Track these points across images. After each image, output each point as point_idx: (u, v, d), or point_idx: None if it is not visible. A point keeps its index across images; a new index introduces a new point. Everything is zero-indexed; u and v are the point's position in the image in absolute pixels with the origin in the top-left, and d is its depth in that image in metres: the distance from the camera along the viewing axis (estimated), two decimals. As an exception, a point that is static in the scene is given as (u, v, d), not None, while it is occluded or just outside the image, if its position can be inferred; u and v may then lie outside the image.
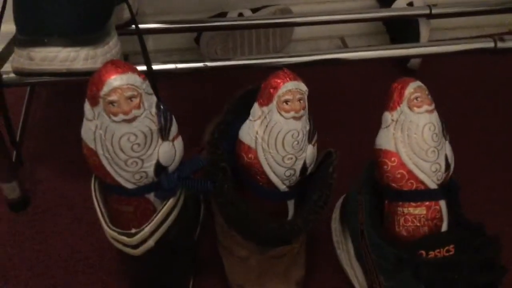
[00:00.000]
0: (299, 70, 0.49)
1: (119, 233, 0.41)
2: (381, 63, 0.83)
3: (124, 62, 0.39)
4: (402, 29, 0.85)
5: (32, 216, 0.62)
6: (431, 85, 0.50)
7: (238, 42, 0.84)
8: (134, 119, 0.39)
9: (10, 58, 0.60)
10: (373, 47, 0.65)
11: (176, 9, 0.84)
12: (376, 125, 0.51)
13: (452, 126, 0.50)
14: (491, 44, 0.63)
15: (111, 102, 0.38)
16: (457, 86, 0.84)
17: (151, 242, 0.43)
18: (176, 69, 0.57)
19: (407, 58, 0.83)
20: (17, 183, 0.61)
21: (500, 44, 0.63)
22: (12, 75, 0.52)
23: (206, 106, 0.77)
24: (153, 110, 0.40)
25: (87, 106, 0.40)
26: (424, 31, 0.83)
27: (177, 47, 0.87)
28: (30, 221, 0.62)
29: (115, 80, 0.38)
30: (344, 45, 0.91)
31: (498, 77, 0.85)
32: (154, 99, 0.41)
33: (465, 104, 0.81)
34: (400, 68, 0.85)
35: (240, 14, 0.82)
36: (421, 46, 0.69)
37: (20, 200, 0.63)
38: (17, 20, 0.49)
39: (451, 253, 0.46)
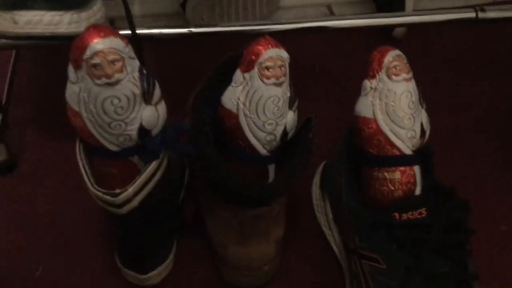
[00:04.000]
0: (284, 38, 0.49)
1: (103, 193, 0.43)
2: (365, 32, 0.84)
3: (106, 26, 0.40)
4: (388, -2, 0.86)
5: (19, 179, 0.63)
6: (415, 54, 0.50)
7: (225, 9, 0.84)
8: (117, 82, 0.39)
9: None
10: (359, 15, 0.66)
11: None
12: (356, 94, 0.52)
13: (431, 94, 0.51)
14: (473, 15, 0.64)
15: (94, 66, 0.38)
16: (441, 55, 0.85)
17: (135, 202, 0.44)
18: (160, 34, 0.58)
19: (391, 28, 0.83)
20: (4, 146, 0.62)
21: (481, 15, 0.64)
22: (-5, 38, 0.52)
23: (191, 72, 0.77)
24: (136, 74, 0.41)
25: (70, 69, 0.40)
26: (409, 0, 0.83)
27: (163, 12, 0.86)
28: (17, 184, 0.63)
29: (98, 43, 0.38)
30: (331, 13, 0.91)
31: (482, 46, 0.87)
32: (137, 63, 0.41)
33: (445, 71, 0.82)
34: (385, 38, 0.85)
35: (227, -20, 0.82)
36: (404, 15, 0.70)
37: (6, 164, 0.64)
38: (0, -18, 0.49)
39: (423, 215, 0.48)
